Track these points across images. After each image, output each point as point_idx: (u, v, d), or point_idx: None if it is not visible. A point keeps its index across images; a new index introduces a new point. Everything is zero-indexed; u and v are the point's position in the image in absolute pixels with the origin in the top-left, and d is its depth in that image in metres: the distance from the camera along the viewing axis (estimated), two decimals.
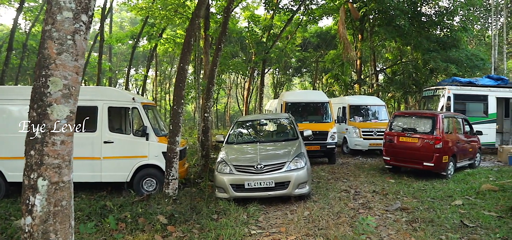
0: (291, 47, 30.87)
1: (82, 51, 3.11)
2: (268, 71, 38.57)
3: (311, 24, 29.28)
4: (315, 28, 32.74)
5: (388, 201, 7.87)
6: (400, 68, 25.94)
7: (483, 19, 31.26)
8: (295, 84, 46.63)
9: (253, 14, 25.45)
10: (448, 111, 13.60)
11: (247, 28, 25.59)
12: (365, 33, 25.06)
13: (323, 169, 11.75)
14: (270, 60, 29.49)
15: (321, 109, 13.44)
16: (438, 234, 5.76)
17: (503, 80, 16.10)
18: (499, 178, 10.04)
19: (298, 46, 33.21)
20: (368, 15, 23.76)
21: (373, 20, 24.66)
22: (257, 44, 24.75)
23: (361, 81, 25.16)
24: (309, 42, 33.73)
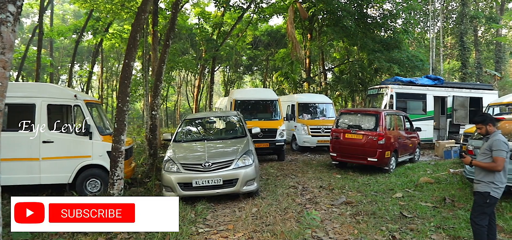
0: (242, 45, 30.91)
1: (10, 44, 2.89)
2: (219, 69, 38.37)
3: (261, 23, 29.49)
4: (266, 26, 33.03)
5: (334, 195, 8.10)
6: (347, 67, 26.87)
7: (423, 23, 33.20)
8: (246, 82, 46.77)
9: (204, 11, 25.17)
10: (390, 109, 14.26)
11: (197, 25, 25.25)
12: (314, 33, 25.66)
13: (272, 166, 11.87)
14: (220, 57, 29.37)
15: (270, 106, 13.57)
16: (379, 225, 6.02)
17: (440, 80, 17.18)
18: (435, 171, 10.68)
19: (248, 44, 33.34)
20: (317, 15, 24.34)
21: (322, 20, 25.31)
22: (207, 41, 24.51)
23: (310, 79, 25.75)
24: (260, 41, 33.99)
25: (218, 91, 52.28)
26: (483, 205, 4.37)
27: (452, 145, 13.95)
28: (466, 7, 28.78)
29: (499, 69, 32.31)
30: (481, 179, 4.41)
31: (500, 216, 6.35)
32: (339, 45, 29.23)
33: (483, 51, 33.60)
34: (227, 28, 26.92)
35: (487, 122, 4.53)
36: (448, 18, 34.43)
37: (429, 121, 16.10)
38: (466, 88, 17.60)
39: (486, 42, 35.05)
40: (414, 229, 5.84)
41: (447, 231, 5.73)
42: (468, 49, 29.52)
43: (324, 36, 26.09)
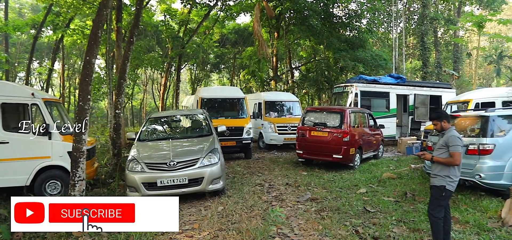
0: (209, 43, 30.70)
1: None
2: (186, 67, 37.92)
3: (229, 20, 29.35)
4: (233, 24, 32.92)
5: (300, 192, 8.19)
6: (313, 66, 27.23)
7: (386, 23, 34.14)
8: (214, 80, 46.47)
9: (170, 8, 24.77)
10: (355, 107, 14.57)
11: (163, 22, 24.81)
12: (281, 31, 25.82)
13: (239, 164, 11.86)
14: (186, 55, 29.00)
15: (237, 105, 13.54)
16: (343, 220, 6.14)
17: (402, 78, 17.74)
18: (398, 167, 11.03)
19: (216, 42, 33.14)
20: (284, 14, 24.52)
21: (289, 19, 25.51)
22: (173, 39, 24.15)
23: (277, 77, 25.91)
24: (227, 38, 33.85)
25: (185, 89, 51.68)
26: (439, 198, 4.54)
27: (414, 142, 14.43)
28: (426, 9, 29.83)
29: (457, 68, 33.73)
30: (437, 173, 4.59)
31: (456, 208, 6.62)
32: (306, 43, 29.57)
33: (442, 51, 34.95)
34: (194, 26, 26.63)
35: (442, 119, 4.71)
36: (410, 19, 35.57)
37: (392, 119, 16.59)
38: (426, 87, 18.28)
39: (445, 42, 36.49)
40: (377, 223, 5.99)
41: (407, 224, 5.92)
42: (429, 49, 30.63)
43: (291, 35, 26.31)
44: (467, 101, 13.25)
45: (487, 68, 44.06)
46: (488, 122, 7.17)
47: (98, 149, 13.98)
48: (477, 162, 7.06)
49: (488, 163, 6.96)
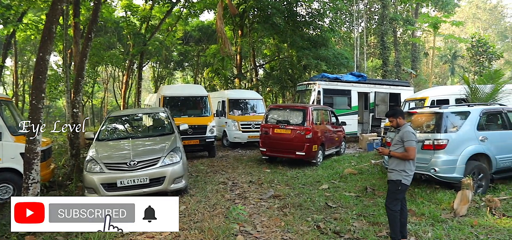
0: (172, 40, 30.16)
1: None
2: (148, 64, 37.15)
3: (192, 18, 28.99)
4: (197, 22, 32.58)
5: (263, 190, 8.21)
6: (277, 64, 27.40)
7: (348, 23, 34.97)
8: (177, 78, 45.81)
9: (131, 4, 24.02)
10: (318, 104, 14.80)
11: (124, 18, 24.11)
12: (245, 29, 25.80)
13: (202, 163, 11.74)
14: (149, 52, 28.38)
15: (200, 103, 13.39)
16: (305, 216, 6.21)
17: (363, 77, 18.21)
18: (359, 163, 11.31)
19: (179, 40, 32.64)
20: (248, 12, 24.51)
21: (253, 17, 25.54)
22: (134, 36, 23.52)
23: (241, 75, 25.89)
24: (191, 36, 33.44)
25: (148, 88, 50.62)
26: (395, 192, 4.68)
27: (374, 138, 14.85)
28: (386, 10, 30.80)
29: (415, 67, 35.09)
30: (393, 168, 4.73)
31: (413, 201, 6.87)
32: (270, 42, 29.73)
33: (401, 50, 36.20)
34: (156, 22, 26.07)
35: (397, 116, 4.86)
36: (371, 19, 36.61)
37: (354, 116, 17.00)
38: (386, 85, 18.87)
39: (404, 42, 37.83)
40: (338, 218, 6.10)
41: (367, 218, 6.07)
42: (388, 48, 31.64)
43: (254, 33, 26.36)
44: (423, 99, 13.81)
45: (443, 67, 46.07)
46: (442, 118, 7.48)
47: (55, 150, 13.42)
48: (432, 157, 7.34)
49: (442, 158, 7.25)
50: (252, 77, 28.02)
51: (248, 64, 30.34)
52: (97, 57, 21.40)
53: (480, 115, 7.84)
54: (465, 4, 53.36)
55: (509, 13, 61.03)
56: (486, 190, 7.40)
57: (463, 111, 7.97)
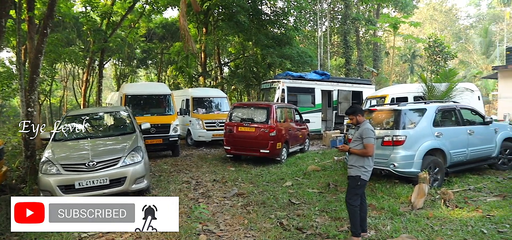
0: (134, 37, 29.46)
1: None
2: (110, 62, 36.11)
3: (155, 14, 28.46)
4: (160, 18, 31.99)
5: (227, 188, 8.18)
6: (242, 62, 27.38)
7: (312, 22, 35.48)
8: (140, 76, 44.79)
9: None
10: (282, 102, 14.90)
11: (83, 13, 23.27)
12: (210, 27, 25.59)
13: (166, 162, 11.54)
14: (110, 49, 27.55)
15: (163, 101, 13.14)
16: (268, 213, 6.24)
17: (326, 75, 18.54)
18: (322, 160, 11.50)
19: (142, 37, 31.94)
20: (212, 9, 24.32)
21: (217, 15, 25.37)
22: (95, 32, 22.76)
23: (206, 73, 25.68)
24: (154, 33, 32.79)
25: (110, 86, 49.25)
26: (355, 187, 4.79)
27: (338, 135, 15.15)
28: (348, 10, 31.50)
29: (376, 66, 36.11)
30: (353, 164, 4.84)
31: (373, 196, 7.06)
32: (235, 40, 29.68)
33: (363, 49, 37.17)
34: (118, 18, 25.36)
35: (357, 113, 4.97)
36: (334, 19, 37.32)
37: (318, 113, 17.26)
38: (349, 83, 19.30)
39: (366, 41, 38.85)
40: (301, 214, 6.17)
41: (329, 214, 6.17)
42: (351, 47, 32.40)
43: (219, 31, 26.21)
44: (384, 96, 14.24)
45: (403, 66, 47.70)
46: (400, 115, 7.74)
47: (9, 151, 12.77)
48: (392, 152, 7.58)
49: (401, 153, 7.50)
50: (217, 75, 27.84)
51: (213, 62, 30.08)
52: (55, 54, 20.56)
53: (436, 112, 8.18)
54: (423, 6, 55.45)
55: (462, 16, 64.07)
56: (441, 183, 7.72)
57: (420, 108, 8.27)
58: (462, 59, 47.22)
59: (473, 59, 46.48)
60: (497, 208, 6.28)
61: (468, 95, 13.57)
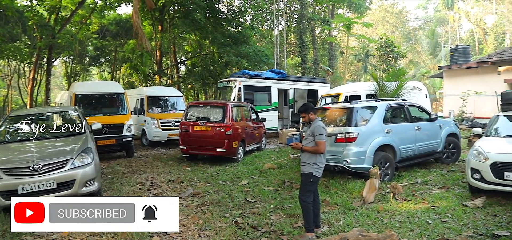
0: (86, 34, 28.29)
1: None
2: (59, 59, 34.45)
3: (108, 10, 27.49)
4: (114, 15, 30.93)
5: (182, 188, 8.05)
6: (198, 60, 27.11)
7: (269, 21, 35.76)
8: (93, 75, 43.12)
9: None
10: (239, 101, 14.89)
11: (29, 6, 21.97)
12: (165, 24, 25.12)
13: (119, 164, 11.17)
14: (59, 46, 26.24)
15: (116, 100, 12.71)
16: (224, 213, 6.19)
17: (282, 73, 18.73)
18: (279, 157, 11.61)
19: (95, 33, 30.73)
20: (168, 6, 23.88)
21: (173, 12, 24.94)
22: (41, 27, 21.56)
23: (161, 72, 25.18)
24: (108, 30, 31.62)
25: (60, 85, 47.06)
26: (308, 184, 4.86)
27: (294, 133, 15.26)
28: (304, 10, 32.02)
29: (331, 65, 37.03)
30: (305, 161, 4.90)
31: (327, 192, 7.21)
32: (191, 38, 29.33)
33: (319, 49, 37.96)
34: (67, 14, 24.22)
35: (309, 111, 5.05)
36: (291, 18, 37.81)
37: (274, 112, 17.40)
38: (305, 82, 19.62)
39: (322, 41, 39.72)
40: (256, 212, 6.18)
41: (284, 211, 6.23)
42: (307, 47, 32.97)
43: (175, 29, 25.78)
44: (338, 94, 14.61)
45: (357, 65, 49.20)
46: (353, 113, 7.96)
47: None
48: (344, 149, 7.78)
49: (353, 150, 7.71)
50: (173, 74, 27.38)
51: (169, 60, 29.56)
52: None
53: (386, 110, 8.50)
54: (376, 7, 57.54)
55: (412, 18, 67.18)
56: (391, 178, 8.03)
57: (371, 106, 8.56)
58: (412, 59, 49.51)
59: (421, 59, 48.84)
60: (441, 199, 6.62)
61: (416, 93, 14.22)
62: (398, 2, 62.03)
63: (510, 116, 7.79)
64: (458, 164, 9.68)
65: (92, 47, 33.96)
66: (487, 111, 16.76)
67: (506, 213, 5.78)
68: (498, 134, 7.47)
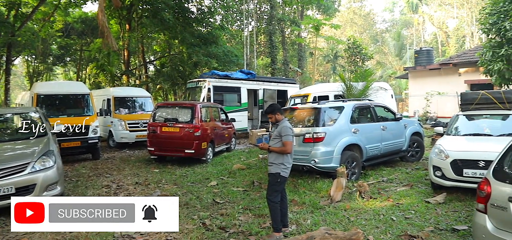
0: (49, 32, 27.25)
1: None
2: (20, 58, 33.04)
3: (73, 8, 26.60)
4: (79, 13, 29.93)
5: (149, 190, 7.91)
6: (167, 60, 26.75)
7: (239, 21, 35.73)
8: (58, 74, 41.65)
9: None
10: (208, 102, 14.78)
11: None
12: (133, 23, 24.61)
13: (84, 166, 10.85)
14: (19, 44, 25.11)
15: (81, 101, 12.31)
16: (191, 214, 6.12)
17: (252, 74, 18.75)
18: (248, 158, 11.61)
19: (59, 32, 29.67)
20: (136, 5, 23.41)
21: (141, 11, 24.47)
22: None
23: (129, 72, 24.66)
24: (73, 28, 30.56)
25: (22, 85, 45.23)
26: (275, 184, 4.87)
27: (263, 133, 15.29)
28: (274, 10, 32.16)
29: (301, 66, 37.39)
30: (273, 162, 4.92)
31: (296, 192, 7.27)
32: (160, 37, 28.88)
33: (289, 49, 38.22)
34: (28, 10, 23.24)
35: (275, 112, 5.07)
36: (261, 19, 37.92)
37: (244, 112, 17.39)
38: (274, 82, 19.71)
39: (291, 42, 40.03)
40: (224, 213, 6.14)
41: (253, 211, 6.23)
42: (277, 47, 33.13)
43: (143, 28, 25.30)
44: (307, 95, 14.78)
45: (326, 66, 49.92)
46: (320, 113, 8.07)
47: None
48: (312, 149, 7.86)
49: (321, 149, 7.81)
50: (141, 74, 26.86)
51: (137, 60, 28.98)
52: None
53: (353, 110, 8.67)
54: (345, 9, 58.63)
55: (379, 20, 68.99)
56: (358, 176, 8.19)
57: (338, 106, 8.71)
58: (379, 60, 50.75)
59: (388, 60, 50.14)
60: (405, 196, 6.81)
61: (382, 94, 14.60)
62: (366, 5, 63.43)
63: (469, 116, 8.12)
64: (422, 162, 9.99)
65: (56, 45, 32.73)
66: (449, 111, 17.41)
67: (464, 208, 6.01)
68: (458, 133, 7.77)
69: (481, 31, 12.66)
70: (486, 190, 3.70)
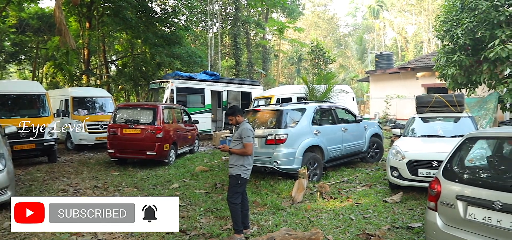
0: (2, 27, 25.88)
1: None
2: None
3: (28, 3, 25.38)
4: (35, 8, 28.58)
5: (108, 194, 7.70)
6: (130, 60, 26.14)
7: (204, 22, 35.48)
8: (12, 73, 39.66)
9: None
10: (171, 103, 14.57)
11: None
12: (94, 21, 23.85)
13: (39, 170, 10.38)
14: None
15: (36, 102, 11.77)
16: None
17: (216, 75, 18.68)
18: (211, 160, 11.55)
19: (12, 27, 28.24)
20: (97, 3, 22.71)
21: (103, 9, 23.76)
22: None
23: (89, 72, 23.89)
24: (28, 24, 29.16)
25: None
26: (235, 186, 4.87)
27: (227, 135, 15.31)
28: (239, 12, 32.23)
29: (265, 68, 37.64)
30: (233, 163, 4.92)
31: (258, 193, 7.31)
32: (122, 37, 28.18)
33: (253, 51, 38.39)
34: None
35: (236, 114, 5.08)
36: (225, 20, 37.85)
37: (208, 114, 17.29)
38: (238, 84, 19.73)
39: (256, 44, 40.23)
40: (185, 216, 6.07)
41: (215, 213, 6.20)
42: (241, 49, 33.21)
43: (105, 26, 24.58)
44: (270, 97, 14.88)
45: (290, 68, 50.52)
46: (282, 115, 8.15)
47: None
48: (274, 151, 7.92)
49: (283, 151, 7.88)
50: (102, 74, 26.07)
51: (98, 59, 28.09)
52: None
53: (314, 112, 8.81)
54: (309, 13, 59.60)
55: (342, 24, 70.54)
56: (320, 177, 8.33)
57: (300, 108, 8.82)
58: (342, 63, 51.97)
59: (351, 63, 51.43)
60: (364, 196, 7.01)
61: (344, 96, 14.94)
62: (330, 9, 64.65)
63: (424, 118, 8.48)
64: (381, 163, 10.32)
65: (10, 42, 31.14)
66: (407, 113, 18.10)
67: (419, 207, 6.26)
68: (414, 134, 8.10)
69: (437, 37, 13.27)
70: (436, 189, 3.86)
